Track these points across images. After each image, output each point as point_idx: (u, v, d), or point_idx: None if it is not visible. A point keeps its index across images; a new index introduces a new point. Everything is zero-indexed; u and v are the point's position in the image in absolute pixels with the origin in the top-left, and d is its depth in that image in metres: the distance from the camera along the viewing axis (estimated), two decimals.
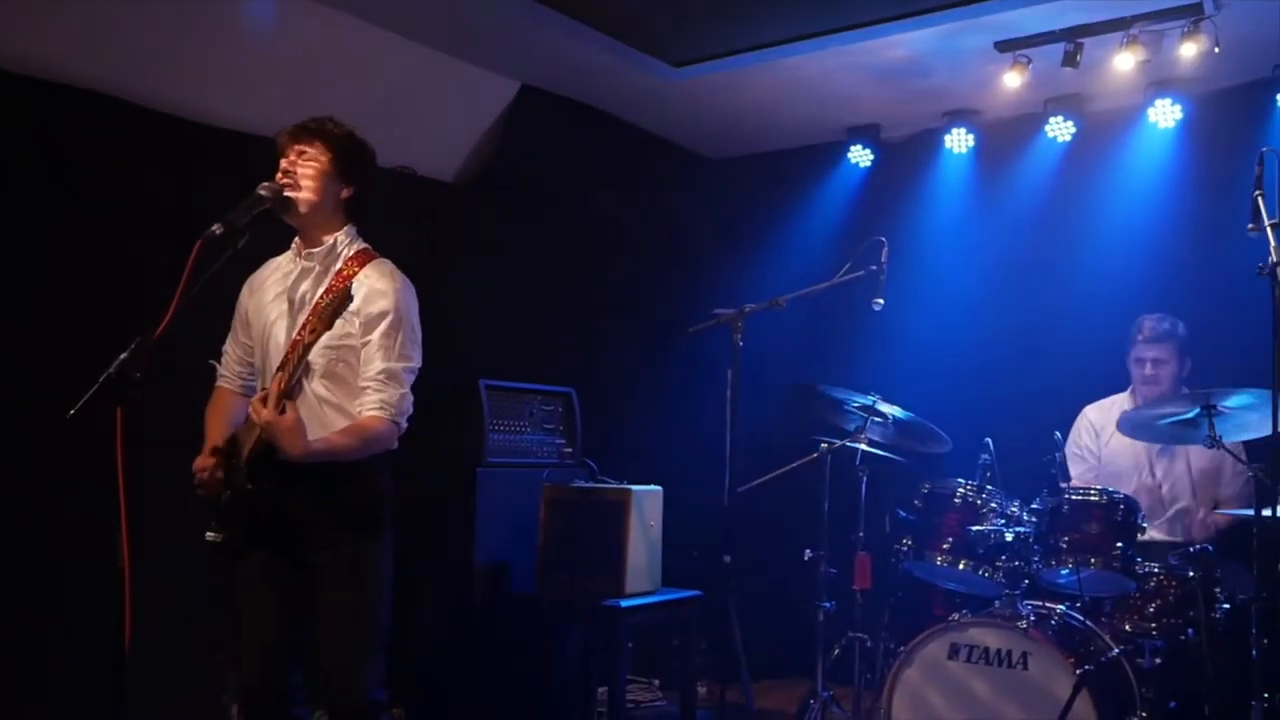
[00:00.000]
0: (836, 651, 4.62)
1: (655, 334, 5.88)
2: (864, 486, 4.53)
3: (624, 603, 4.18)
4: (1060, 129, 5.28)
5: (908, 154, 5.84)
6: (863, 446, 4.44)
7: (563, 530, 4.41)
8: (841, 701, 4.65)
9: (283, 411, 2.75)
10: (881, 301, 4.33)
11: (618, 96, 5.45)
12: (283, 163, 2.98)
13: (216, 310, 3.15)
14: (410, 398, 3.00)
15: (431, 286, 4.99)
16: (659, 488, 4.45)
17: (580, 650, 4.66)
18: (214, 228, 2.76)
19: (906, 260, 5.34)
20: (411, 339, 3.01)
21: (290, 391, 2.84)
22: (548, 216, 5.56)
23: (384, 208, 4.81)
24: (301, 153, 2.98)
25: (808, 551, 4.37)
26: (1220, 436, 3.67)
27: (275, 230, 3.05)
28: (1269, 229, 3.36)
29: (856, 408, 4.38)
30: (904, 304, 5.21)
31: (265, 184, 2.93)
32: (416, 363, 3.03)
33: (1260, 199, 3.48)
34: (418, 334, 3.05)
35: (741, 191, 6.35)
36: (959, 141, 5.56)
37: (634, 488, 4.31)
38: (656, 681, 5.57)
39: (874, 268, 4.34)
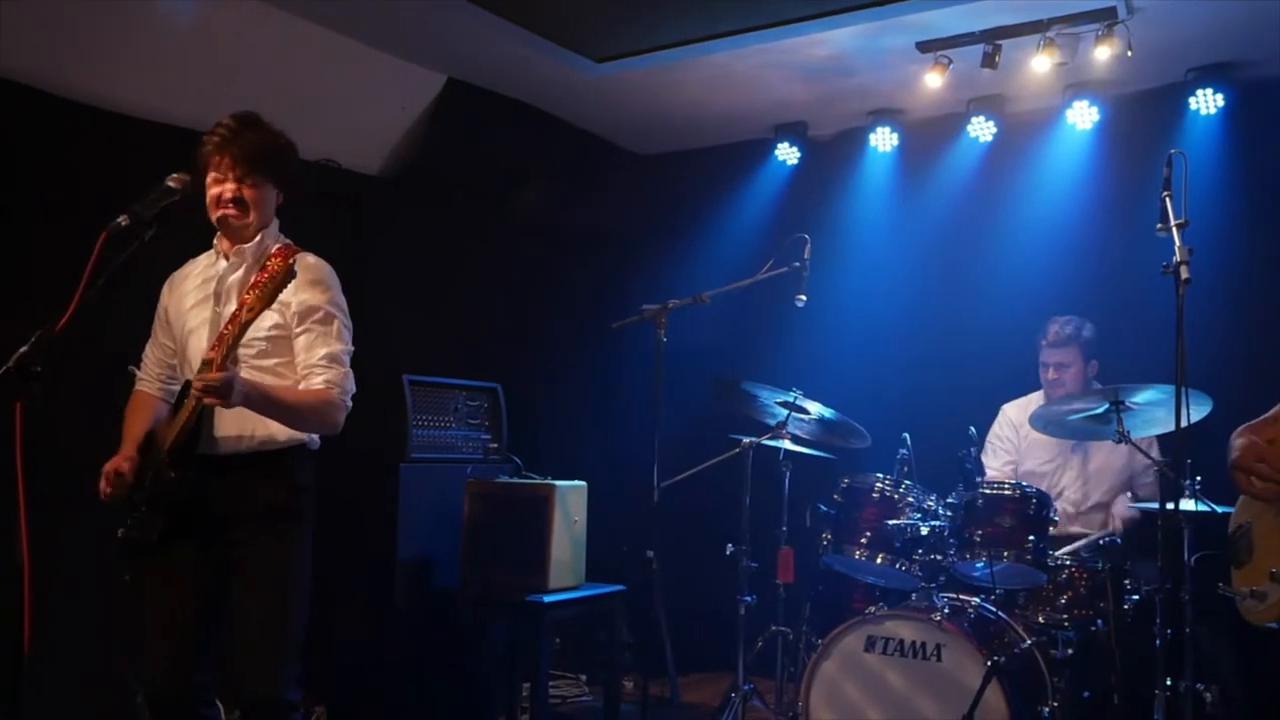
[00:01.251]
0: (759, 645, 4.66)
1: (583, 329, 5.88)
2: (787, 481, 4.57)
3: (547, 598, 4.19)
4: (982, 129, 5.36)
5: (834, 152, 5.89)
6: (786, 443, 4.48)
7: (486, 526, 4.41)
8: (764, 694, 4.69)
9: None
10: (804, 298, 4.37)
11: (544, 91, 5.43)
12: (219, 187, 2.93)
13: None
14: (352, 378, 3.00)
15: (355, 280, 4.93)
16: (583, 483, 4.47)
17: (505, 646, 4.65)
18: (119, 219, 2.70)
19: (831, 257, 5.39)
20: (346, 324, 3.04)
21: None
22: (474, 210, 5.54)
23: (307, 200, 4.81)
24: (242, 179, 2.93)
25: (729, 546, 4.39)
26: (1129, 432, 3.75)
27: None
28: (1174, 229, 3.44)
29: (778, 404, 4.41)
30: (827, 301, 5.26)
31: (174, 176, 2.87)
32: (352, 347, 3.05)
33: (1168, 200, 3.55)
34: (349, 320, 3.05)
35: (671, 187, 6.37)
36: (884, 140, 5.62)
37: (558, 483, 4.32)
38: (584, 677, 5.57)
39: (797, 264, 4.39)
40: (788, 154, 5.89)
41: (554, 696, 5.35)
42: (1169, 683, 3.50)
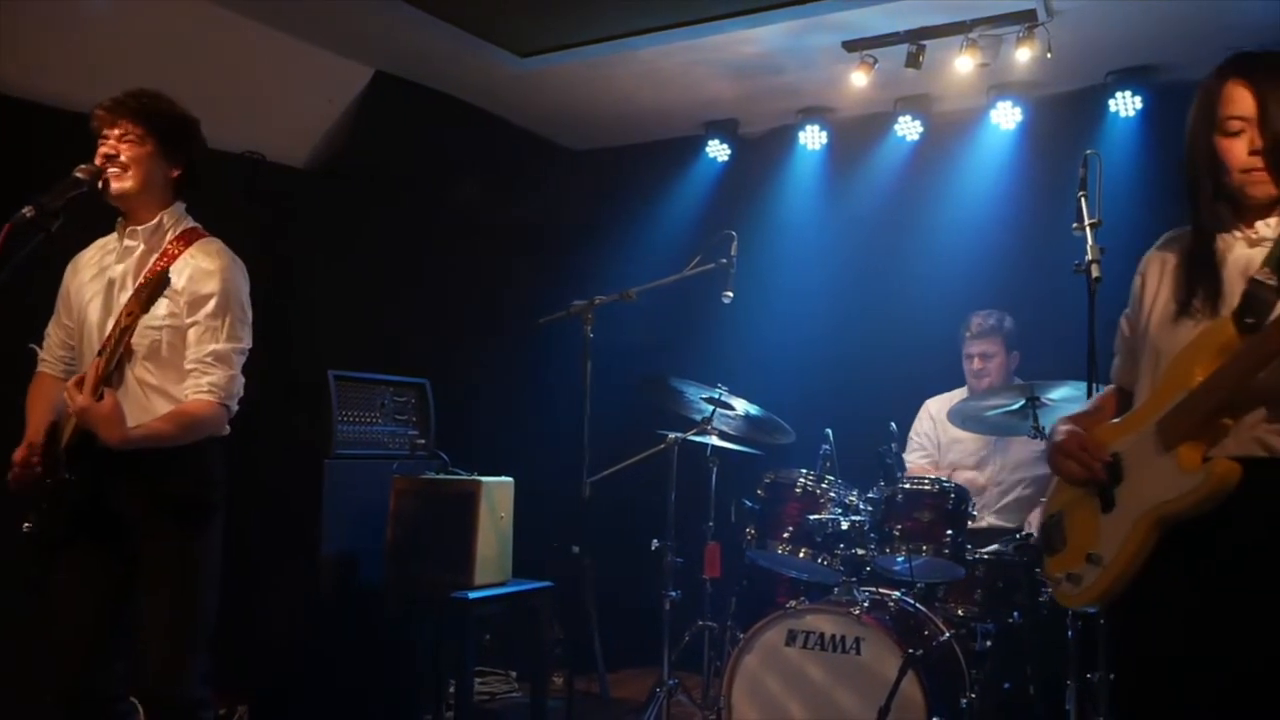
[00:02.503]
0: (686, 640, 4.68)
1: (513, 325, 5.86)
2: (714, 477, 4.59)
3: (472, 594, 4.16)
4: (909, 128, 5.42)
5: (764, 149, 5.93)
6: (713, 439, 4.50)
7: (412, 522, 4.37)
8: (691, 689, 4.72)
9: (100, 398, 2.67)
10: (730, 295, 4.40)
11: (472, 85, 5.40)
12: (103, 146, 2.88)
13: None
14: (241, 380, 2.94)
15: (281, 274, 4.94)
16: (510, 479, 4.44)
17: (432, 642, 4.63)
18: (24, 210, 2.66)
19: (760, 254, 5.43)
20: (241, 319, 2.95)
21: (109, 378, 2.75)
22: (403, 204, 5.49)
23: (231, 193, 4.76)
24: (123, 136, 2.88)
25: (654, 541, 4.41)
26: (1044, 427, 3.81)
27: None
28: (1088, 228, 3.51)
29: (703, 400, 4.43)
30: (756, 297, 5.30)
31: (83, 166, 2.83)
32: (247, 344, 2.97)
33: (1083, 200, 3.62)
34: (248, 314, 2.98)
35: (603, 183, 6.37)
36: (813, 138, 5.66)
37: (484, 479, 4.29)
38: (514, 673, 5.57)
39: (724, 261, 4.41)
40: (718, 151, 5.91)
41: (483, 693, 5.35)
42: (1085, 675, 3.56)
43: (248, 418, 3.04)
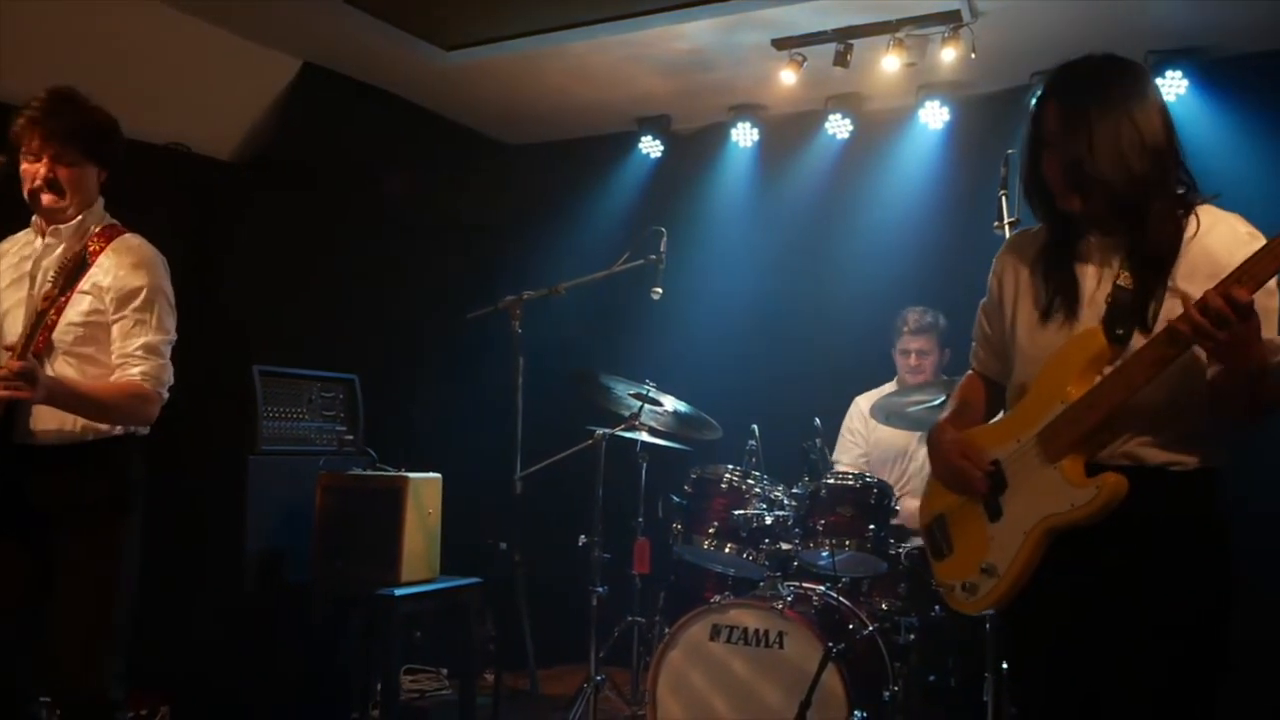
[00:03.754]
0: (616, 635, 4.68)
1: (445, 320, 5.82)
2: (644, 473, 4.60)
3: (399, 591, 4.14)
4: (839, 126, 5.46)
5: (696, 146, 5.94)
6: (643, 435, 4.51)
7: (338, 518, 4.34)
8: (621, 685, 4.73)
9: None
10: (660, 291, 4.43)
11: (400, 78, 5.36)
12: (39, 168, 2.84)
13: None
14: (171, 369, 2.93)
15: (205, 267, 4.87)
16: (438, 475, 4.42)
17: (360, 640, 4.59)
18: None
19: (691, 251, 5.46)
20: (167, 311, 2.94)
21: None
22: (333, 198, 5.42)
23: (155, 185, 4.68)
24: (58, 158, 2.84)
25: (581, 537, 4.41)
26: None
27: None
28: (1006, 227, 3.57)
29: (631, 395, 4.44)
30: (687, 294, 5.34)
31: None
32: (173, 335, 2.96)
33: (1004, 198, 3.69)
34: (172, 306, 2.97)
35: (537, 178, 6.34)
36: (744, 135, 5.68)
37: (411, 475, 4.28)
38: (445, 670, 5.54)
39: (653, 257, 4.43)
40: (651, 147, 5.92)
41: (413, 691, 5.32)
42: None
43: (170, 414, 3.00)
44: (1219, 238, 2.11)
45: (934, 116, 5.24)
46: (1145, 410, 2.08)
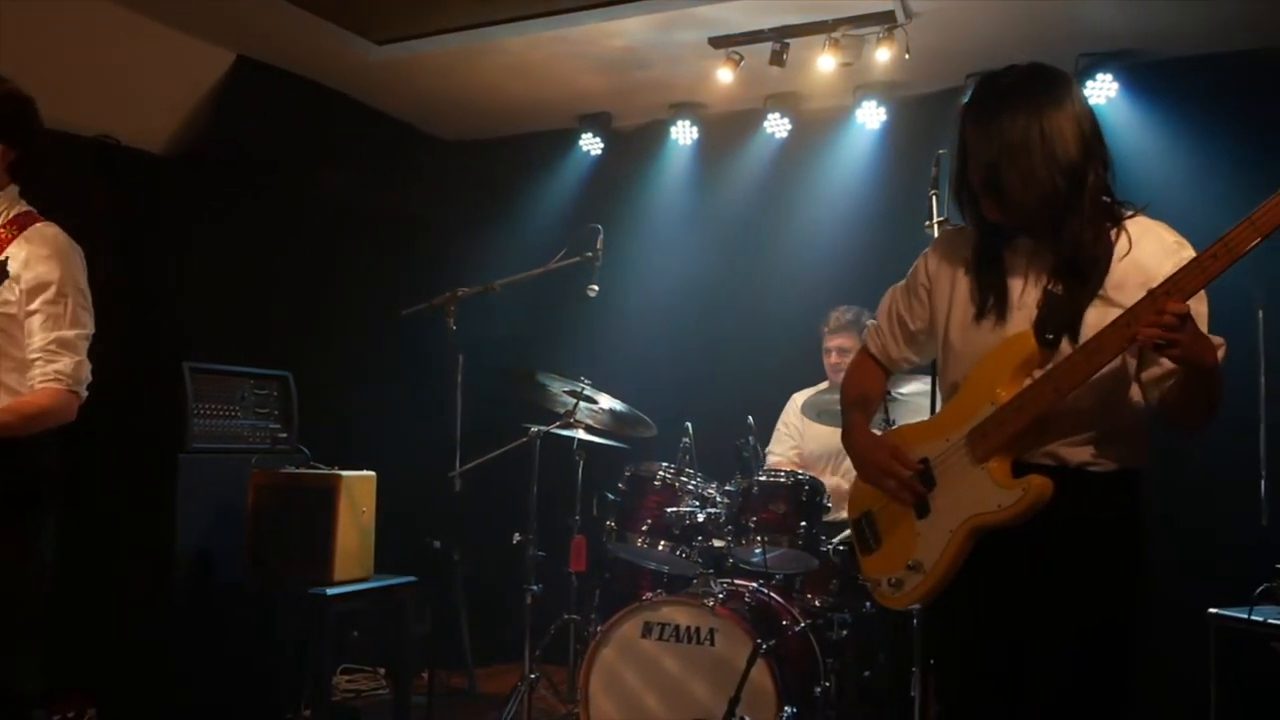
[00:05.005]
0: (552, 633, 4.68)
1: (381, 317, 5.77)
2: (580, 471, 4.60)
3: (331, 590, 4.11)
4: (777, 125, 5.48)
5: (637, 144, 5.94)
6: (580, 433, 4.50)
7: (271, 517, 4.29)
8: (559, 683, 4.73)
9: None
10: (596, 288, 4.42)
11: (336, 72, 5.31)
12: None
13: None
14: (88, 365, 2.86)
15: (134, 261, 4.79)
16: (372, 473, 4.39)
17: (293, 640, 4.55)
18: None
19: (630, 248, 5.47)
20: (82, 305, 2.87)
21: None
22: (268, 192, 5.34)
23: (83, 178, 4.60)
24: None
25: (516, 535, 4.40)
26: (895, 421, 3.89)
27: None
28: (935, 226, 3.61)
29: (565, 393, 4.43)
30: (625, 291, 5.34)
31: None
32: (90, 329, 2.89)
33: (934, 198, 3.72)
34: (88, 299, 2.90)
35: (478, 174, 6.32)
36: (684, 133, 5.69)
37: (344, 473, 4.24)
38: (382, 670, 5.50)
39: (589, 254, 4.43)
40: (591, 144, 5.91)
41: (349, 690, 5.27)
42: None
43: (97, 410, 2.95)
44: (1147, 248, 2.14)
45: (871, 116, 5.27)
46: (1069, 412, 2.12)
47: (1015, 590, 2.15)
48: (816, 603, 4.18)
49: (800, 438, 4.89)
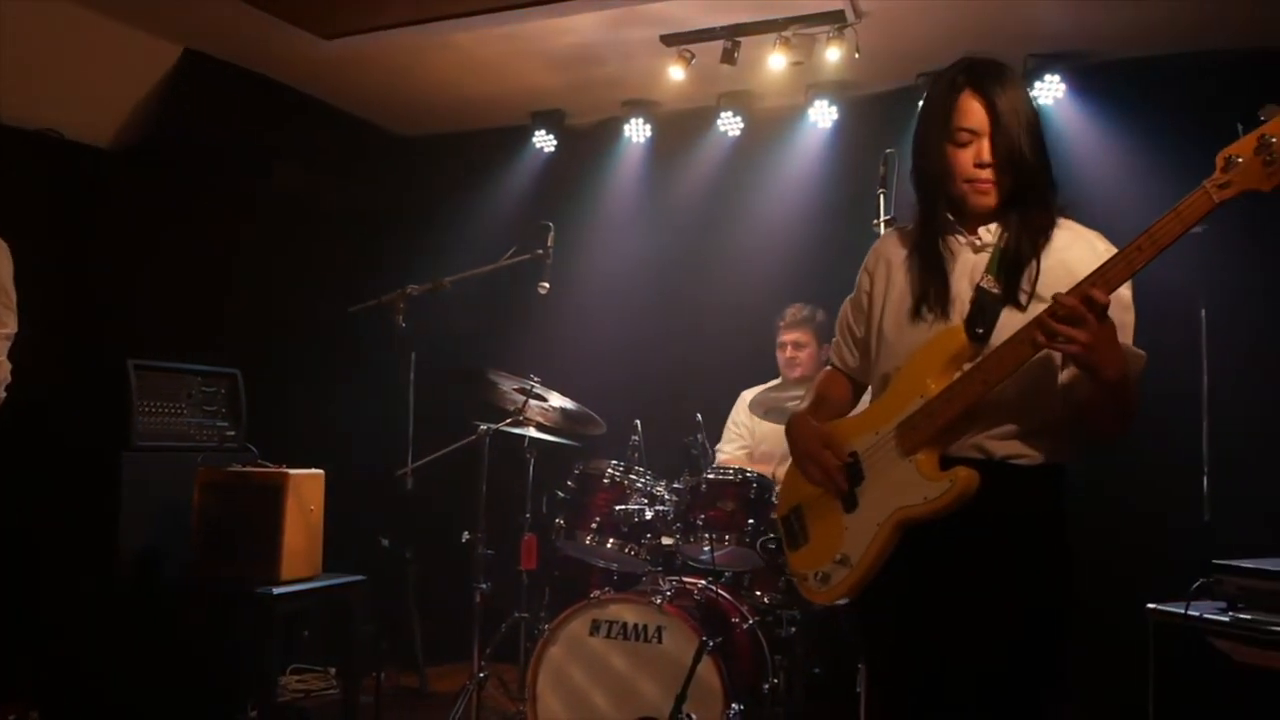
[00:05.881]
0: (503, 631, 4.66)
1: (333, 314, 5.72)
2: (531, 469, 4.58)
3: (277, 589, 4.07)
4: (730, 123, 5.49)
5: (590, 141, 5.93)
6: (530, 431, 4.49)
7: (217, 515, 4.24)
8: (510, 682, 4.71)
9: None
10: (547, 285, 4.41)
11: (285, 66, 5.27)
12: None
13: None
14: (8, 366, 2.82)
15: (79, 258, 4.74)
16: (320, 471, 4.35)
17: (240, 640, 4.50)
18: None
19: (581, 246, 5.46)
20: (4, 303, 2.83)
21: None
22: (216, 187, 5.28)
23: (25, 173, 4.54)
24: None
25: (465, 534, 4.38)
26: None
27: None
28: (882, 225, 3.63)
29: (514, 391, 4.42)
30: (576, 289, 5.33)
31: None
32: (12, 328, 2.86)
33: (882, 197, 3.74)
34: (12, 298, 2.87)
35: (432, 170, 6.30)
36: (637, 131, 5.69)
37: (291, 471, 4.20)
38: (334, 670, 5.46)
39: (540, 251, 4.42)
40: (544, 141, 5.90)
41: (299, 690, 5.23)
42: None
43: (36, 409, 2.91)
44: (1077, 253, 2.16)
45: (823, 115, 5.29)
46: (996, 405, 2.13)
47: (941, 584, 2.16)
48: (765, 600, 4.19)
49: (751, 436, 4.90)
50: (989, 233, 2.22)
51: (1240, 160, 1.87)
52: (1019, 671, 2.11)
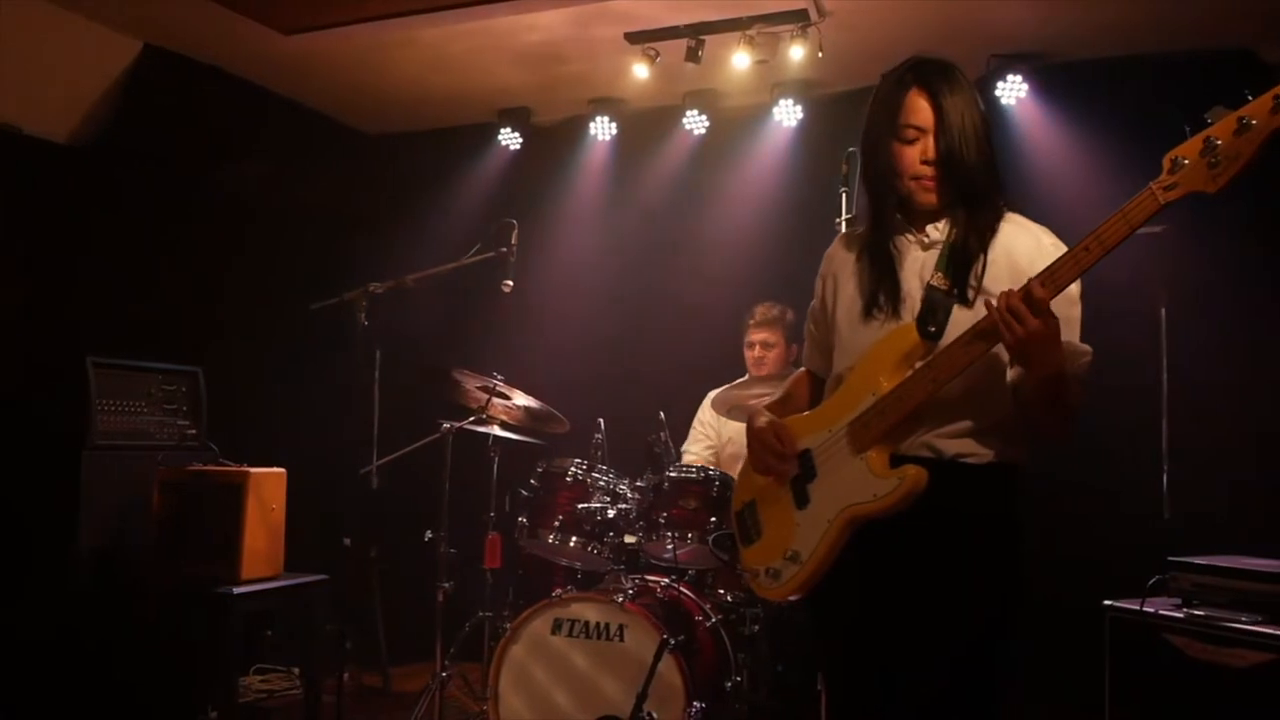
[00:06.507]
0: (467, 630, 4.65)
1: (296, 312, 5.68)
2: (495, 467, 4.57)
3: (237, 589, 4.05)
4: (695, 122, 5.49)
5: (556, 139, 5.92)
6: (495, 429, 4.47)
7: (177, 515, 4.22)
8: (474, 681, 4.69)
9: None
10: (510, 283, 4.40)
11: (247, 62, 5.22)
12: None
13: None
14: None
15: (37, 255, 4.68)
16: (282, 470, 4.33)
17: (200, 640, 4.47)
18: None
19: (547, 244, 5.45)
20: None
21: None
22: (178, 183, 5.23)
23: None
24: None
25: (428, 533, 4.36)
26: None
27: None
28: (843, 224, 3.64)
29: (479, 389, 4.40)
30: (541, 287, 5.31)
31: None
32: None
33: (844, 195, 3.75)
34: None
35: (398, 168, 6.28)
36: (602, 129, 5.68)
37: (252, 469, 4.18)
38: (297, 670, 5.43)
39: (504, 249, 4.40)
40: (510, 139, 5.88)
41: (262, 690, 5.20)
42: None
43: None
44: (1023, 247, 2.19)
45: (788, 114, 5.30)
46: (946, 403, 2.14)
47: (890, 582, 2.17)
48: (729, 598, 4.20)
49: (718, 437, 4.90)
50: (937, 230, 2.24)
51: (1186, 162, 1.89)
52: (960, 671, 2.12)
